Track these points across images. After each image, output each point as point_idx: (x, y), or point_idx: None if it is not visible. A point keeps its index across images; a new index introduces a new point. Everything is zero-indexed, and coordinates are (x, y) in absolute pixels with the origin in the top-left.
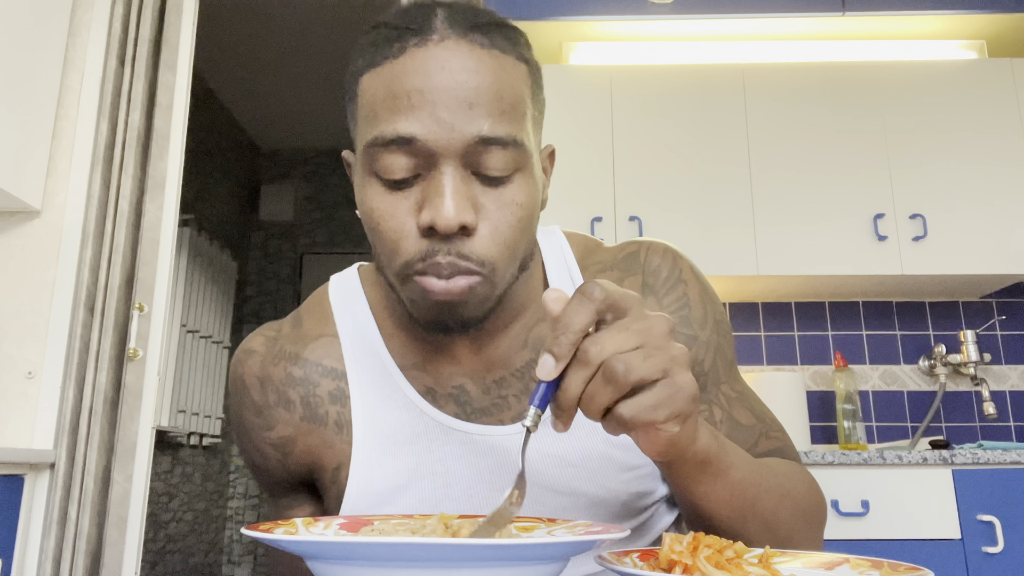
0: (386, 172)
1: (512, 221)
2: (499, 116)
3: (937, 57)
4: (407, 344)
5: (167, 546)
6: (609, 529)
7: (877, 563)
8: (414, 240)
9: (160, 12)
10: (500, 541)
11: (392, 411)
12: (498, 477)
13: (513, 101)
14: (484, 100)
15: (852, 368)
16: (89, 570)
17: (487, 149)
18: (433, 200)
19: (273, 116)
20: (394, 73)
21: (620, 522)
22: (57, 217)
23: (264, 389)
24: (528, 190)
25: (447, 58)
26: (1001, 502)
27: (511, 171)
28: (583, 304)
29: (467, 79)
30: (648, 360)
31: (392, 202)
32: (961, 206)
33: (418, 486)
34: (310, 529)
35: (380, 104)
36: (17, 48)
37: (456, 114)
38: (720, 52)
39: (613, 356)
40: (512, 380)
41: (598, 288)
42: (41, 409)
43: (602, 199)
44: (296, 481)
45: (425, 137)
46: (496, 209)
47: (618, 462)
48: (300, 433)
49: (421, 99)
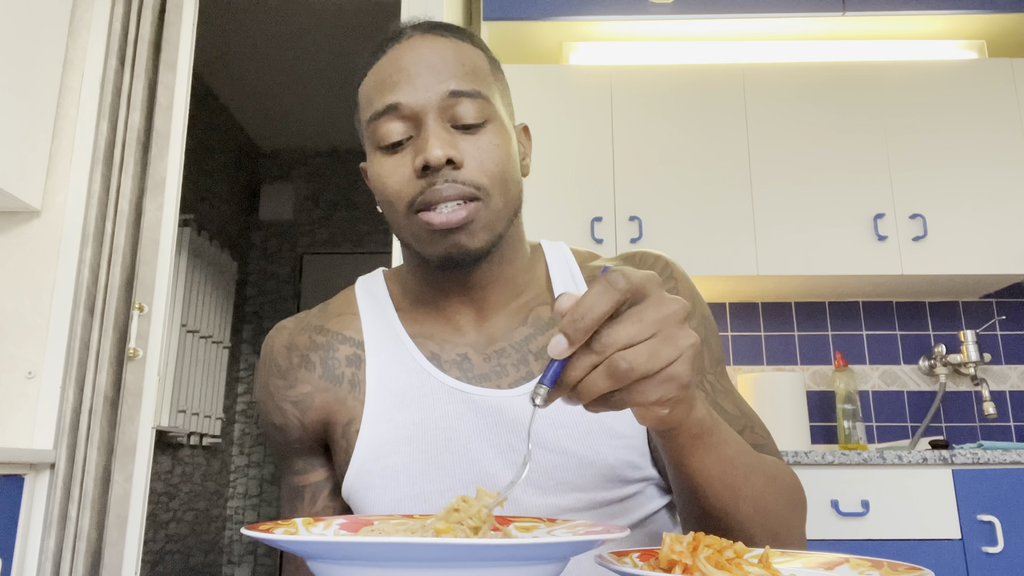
0: (384, 139)
1: (494, 159)
2: (462, 77)
3: (937, 57)
4: (419, 318)
5: (167, 546)
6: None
7: (877, 563)
8: (413, 182)
9: (160, 12)
10: (500, 541)
11: (402, 373)
12: (495, 434)
13: (472, 68)
14: (448, 67)
15: (852, 368)
16: (89, 570)
17: (458, 101)
18: (422, 147)
19: (273, 116)
20: (381, 67)
21: (610, 485)
22: (57, 217)
23: (289, 354)
24: (502, 136)
25: (416, 46)
26: (1001, 502)
27: (483, 120)
28: (607, 293)
29: (432, 55)
30: (654, 357)
31: (392, 163)
32: (961, 206)
33: (422, 439)
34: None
35: (373, 91)
36: (17, 48)
37: (428, 79)
38: (720, 52)
39: (619, 354)
40: (511, 351)
41: (623, 279)
42: (41, 409)
43: (602, 199)
44: (310, 441)
45: (407, 100)
46: (477, 150)
47: (607, 427)
48: (318, 390)
49: (400, 75)
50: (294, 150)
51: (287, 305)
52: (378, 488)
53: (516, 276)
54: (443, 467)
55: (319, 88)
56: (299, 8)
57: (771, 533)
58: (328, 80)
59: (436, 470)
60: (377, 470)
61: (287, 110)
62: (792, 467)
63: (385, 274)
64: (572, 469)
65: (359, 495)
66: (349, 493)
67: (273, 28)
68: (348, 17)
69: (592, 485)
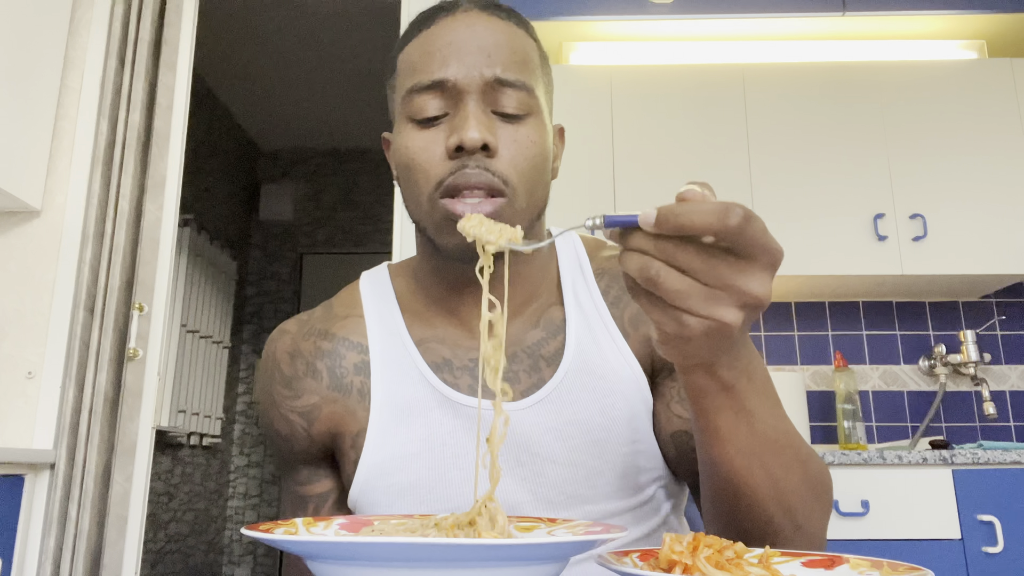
0: (420, 112)
1: (528, 155)
2: (512, 65)
3: (937, 57)
4: (429, 321)
5: (167, 546)
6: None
7: (877, 563)
8: (443, 162)
9: (160, 12)
10: (500, 541)
11: (408, 386)
12: (503, 450)
13: (524, 57)
14: (501, 52)
15: (852, 368)
16: (89, 570)
17: (503, 90)
18: (459, 126)
19: (273, 116)
20: (429, 37)
21: (619, 495)
22: (57, 217)
23: (294, 362)
24: (540, 132)
25: (471, 22)
26: (1001, 502)
27: (524, 112)
28: (713, 215)
29: (486, 36)
30: (701, 301)
31: (424, 137)
32: (961, 206)
33: (429, 455)
34: (310, 529)
35: (418, 61)
36: (17, 48)
37: (478, 59)
38: (720, 52)
39: (670, 271)
40: (523, 356)
41: (738, 218)
42: (41, 409)
43: (602, 199)
44: (317, 451)
45: (455, 77)
46: (513, 142)
47: (615, 435)
48: (326, 401)
49: (450, 50)
50: (294, 150)
51: (287, 305)
52: (383, 507)
53: (532, 275)
54: (452, 485)
55: (319, 88)
56: (299, 8)
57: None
58: (328, 80)
59: (444, 488)
60: (383, 488)
61: (287, 110)
62: None
63: (391, 269)
64: (582, 481)
65: (364, 512)
66: (353, 509)
67: (273, 28)
68: (348, 17)
69: (603, 496)
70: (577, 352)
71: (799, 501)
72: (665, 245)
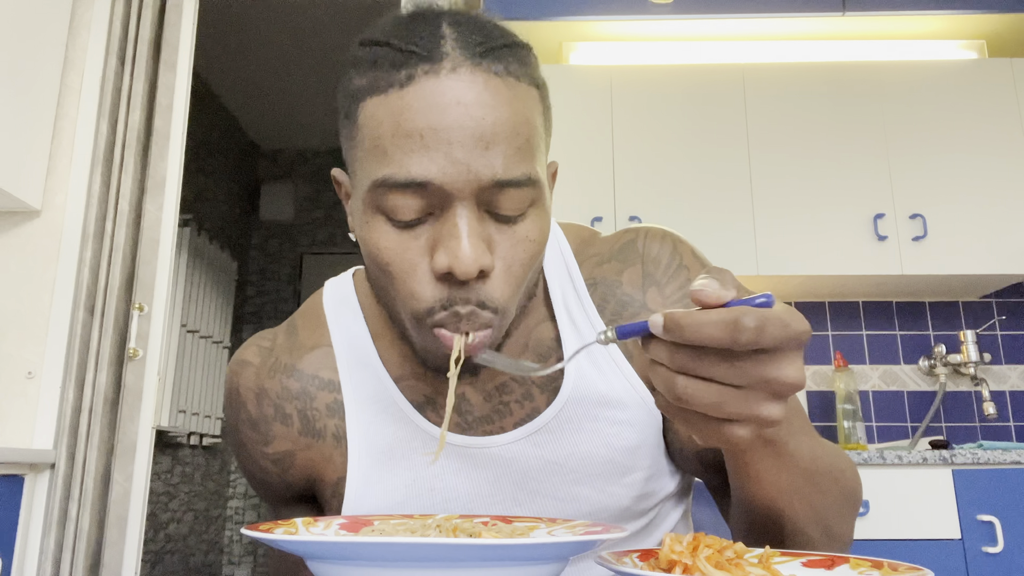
0: (395, 213)
1: (525, 259)
2: (515, 155)
3: (937, 57)
4: (406, 354)
5: (167, 546)
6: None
7: (877, 563)
8: (430, 285)
9: (160, 12)
10: (500, 541)
11: (387, 425)
12: (498, 490)
13: (528, 135)
14: (501, 138)
15: (852, 368)
16: (89, 570)
17: (502, 191)
18: (449, 243)
19: (273, 116)
20: (403, 104)
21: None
22: (57, 217)
23: (260, 402)
24: (540, 224)
25: (462, 91)
26: (1001, 502)
27: (525, 208)
28: (728, 331)
29: (483, 115)
30: (718, 403)
31: (402, 241)
32: (961, 206)
33: (416, 502)
34: (310, 529)
35: (389, 140)
36: (17, 48)
37: (472, 154)
38: (720, 52)
39: (683, 378)
40: (513, 385)
41: (751, 332)
42: (41, 409)
43: (602, 199)
44: (296, 493)
45: (441, 180)
46: (510, 247)
47: (620, 466)
48: (299, 448)
49: (435, 138)
50: (294, 150)
51: (287, 305)
52: None
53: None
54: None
55: (319, 88)
56: (299, 8)
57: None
58: (329, 80)
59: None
60: None
61: (287, 110)
62: None
63: (356, 282)
64: (584, 516)
65: None
66: None
67: (273, 28)
68: (349, 17)
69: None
70: (577, 379)
71: (836, 516)
72: (683, 359)
